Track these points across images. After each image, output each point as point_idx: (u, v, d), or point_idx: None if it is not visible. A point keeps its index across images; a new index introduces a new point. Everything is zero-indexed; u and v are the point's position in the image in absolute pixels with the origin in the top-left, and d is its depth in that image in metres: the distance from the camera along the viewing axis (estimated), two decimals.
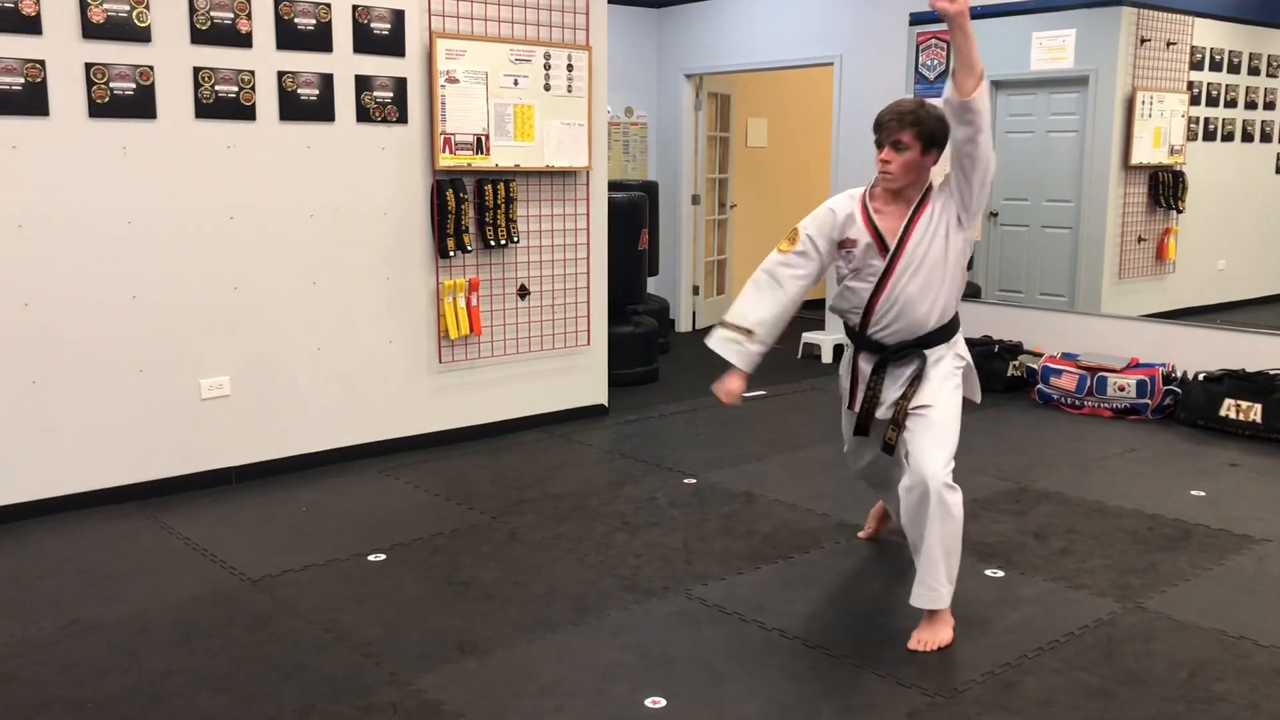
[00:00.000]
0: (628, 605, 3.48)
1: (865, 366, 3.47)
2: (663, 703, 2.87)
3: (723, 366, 3.49)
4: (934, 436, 3.24)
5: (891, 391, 3.39)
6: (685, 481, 4.81)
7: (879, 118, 3.25)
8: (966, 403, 3.47)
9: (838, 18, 7.74)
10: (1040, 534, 4.15)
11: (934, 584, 3.20)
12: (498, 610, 3.46)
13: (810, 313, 9.67)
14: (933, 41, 7.13)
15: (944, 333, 3.41)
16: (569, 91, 5.54)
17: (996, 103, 7.00)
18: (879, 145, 3.25)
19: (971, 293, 7.41)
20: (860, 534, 4.12)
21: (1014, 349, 6.74)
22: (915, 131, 3.18)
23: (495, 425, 5.60)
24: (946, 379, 3.36)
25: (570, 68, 5.53)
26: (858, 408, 3.49)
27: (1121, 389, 6.03)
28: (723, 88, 9.20)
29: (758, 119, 9.82)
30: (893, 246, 3.28)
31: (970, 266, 3.43)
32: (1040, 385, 6.37)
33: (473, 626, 3.34)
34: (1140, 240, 6.80)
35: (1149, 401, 5.97)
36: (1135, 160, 6.63)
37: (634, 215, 6.97)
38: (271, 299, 4.79)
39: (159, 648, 3.20)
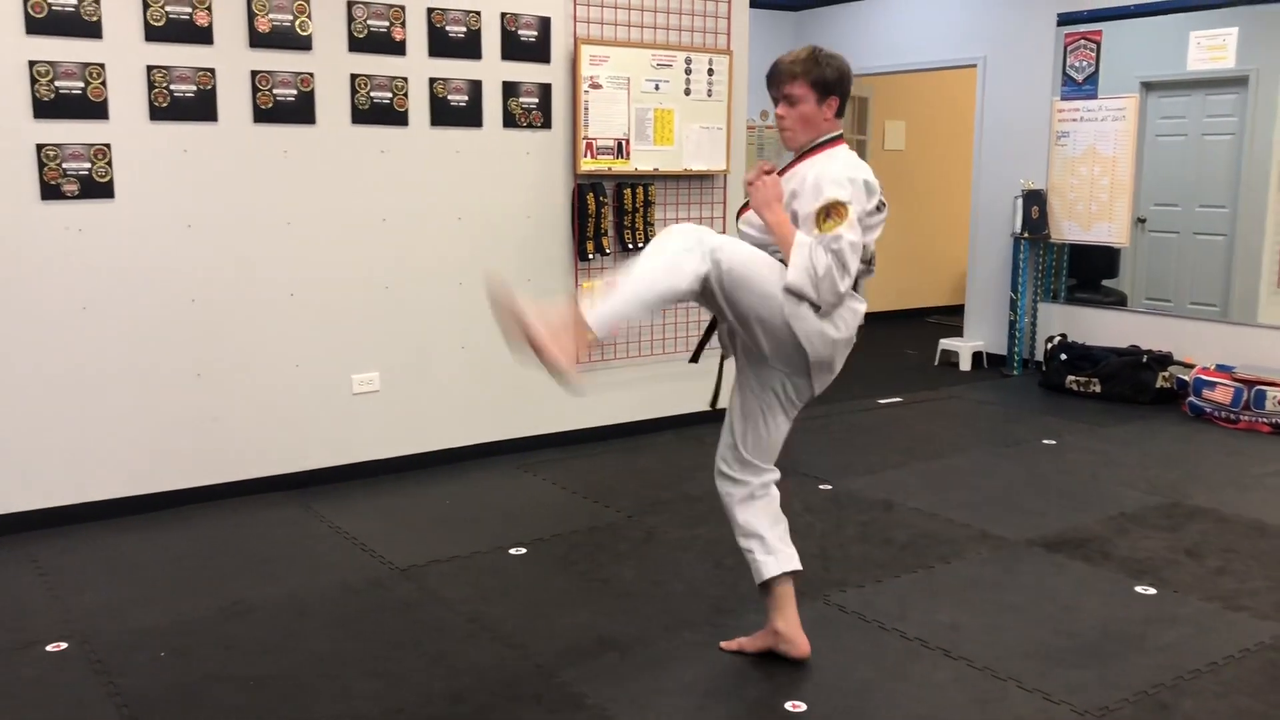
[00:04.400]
0: (761, 608, 3.47)
1: None
2: (803, 707, 2.87)
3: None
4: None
5: None
6: (821, 488, 4.78)
7: (769, 72, 2.98)
8: None
9: (982, 19, 7.58)
10: (1194, 552, 3.99)
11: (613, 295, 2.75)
12: (637, 608, 3.51)
13: (948, 319, 9.52)
14: (1081, 43, 6.93)
15: None
16: (709, 95, 5.57)
17: (1146, 105, 6.77)
18: (774, 101, 2.97)
19: (1117, 300, 7.18)
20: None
21: (1163, 359, 6.50)
22: (808, 79, 2.89)
23: (629, 425, 5.67)
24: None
25: (711, 71, 5.56)
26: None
27: None
28: (860, 90, 9.10)
29: (896, 122, 9.69)
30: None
31: (869, 265, 3.04)
32: (1192, 398, 6.13)
33: (613, 623, 3.39)
34: None
35: None
36: None
37: None
38: (420, 298, 4.94)
39: (315, 631, 3.34)
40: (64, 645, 3.23)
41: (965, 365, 7.64)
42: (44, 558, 3.92)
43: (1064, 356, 6.85)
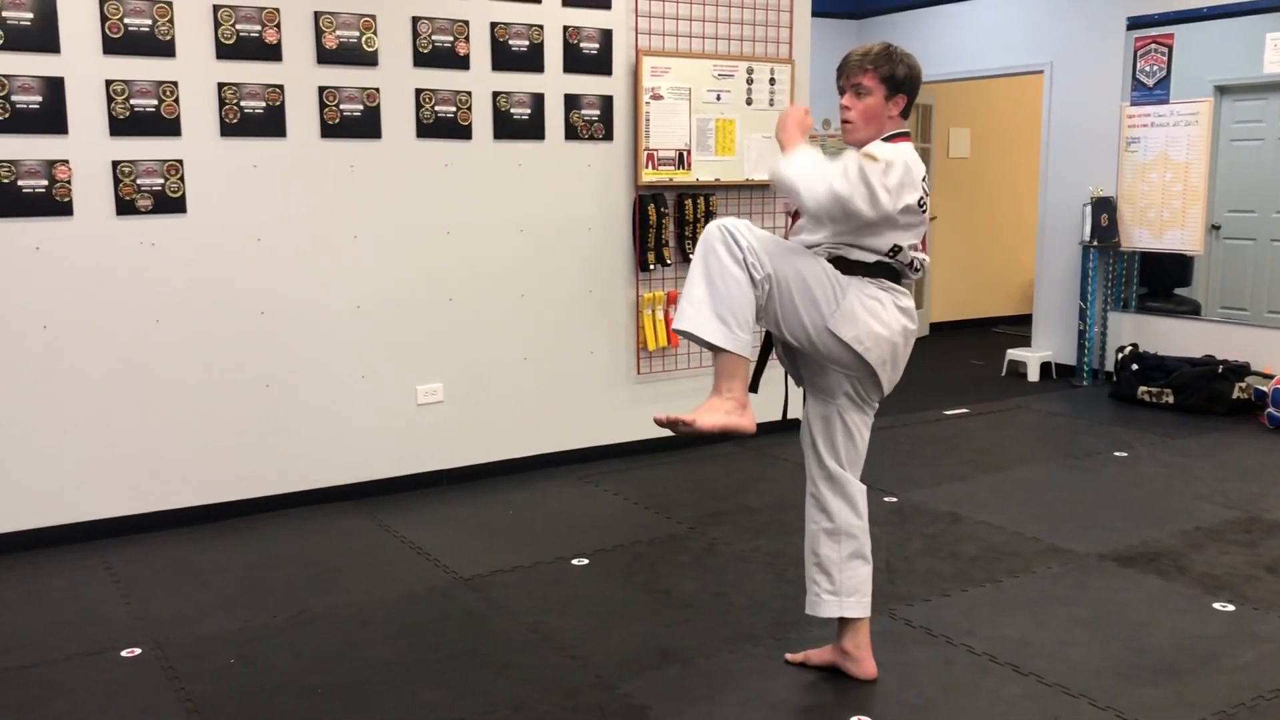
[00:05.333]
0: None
1: None
2: None
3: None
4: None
5: None
6: (886, 500, 4.72)
7: (841, 61, 2.91)
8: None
9: (1048, 24, 7.47)
10: (1275, 567, 3.87)
11: (684, 303, 2.78)
12: (698, 620, 3.49)
13: (1015, 328, 9.37)
14: (1152, 46, 6.79)
15: (842, 268, 2.89)
16: (770, 105, 5.55)
17: (1220, 109, 6.61)
18: (840, 91, 2.90)
19: (1191, 309, 7.01)
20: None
21: (1240, 369, 6.33)
22: (879, 74, 2.83)
23: (691, 438, 5.64)
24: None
25: (773, 81, 5.54)
26: None
27: None
28: (924, 98, 9.01)
29: (960, 129, 9.57)
30: None
31: (916, 271, 2.94)
32: (1271, 409, 5.95)
33: (674, 634, 3.38)
34: None
35: None
36: None
37: None
38: (483, 310, 4.98)
39: (379, 639, 3.37)
40: (137, 651, 3.29)
41: (1033, 376, 7.51)
42: (118, 565, 4.01)
43: (1135, 367, 6.70)
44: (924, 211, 2.85)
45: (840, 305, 2.79)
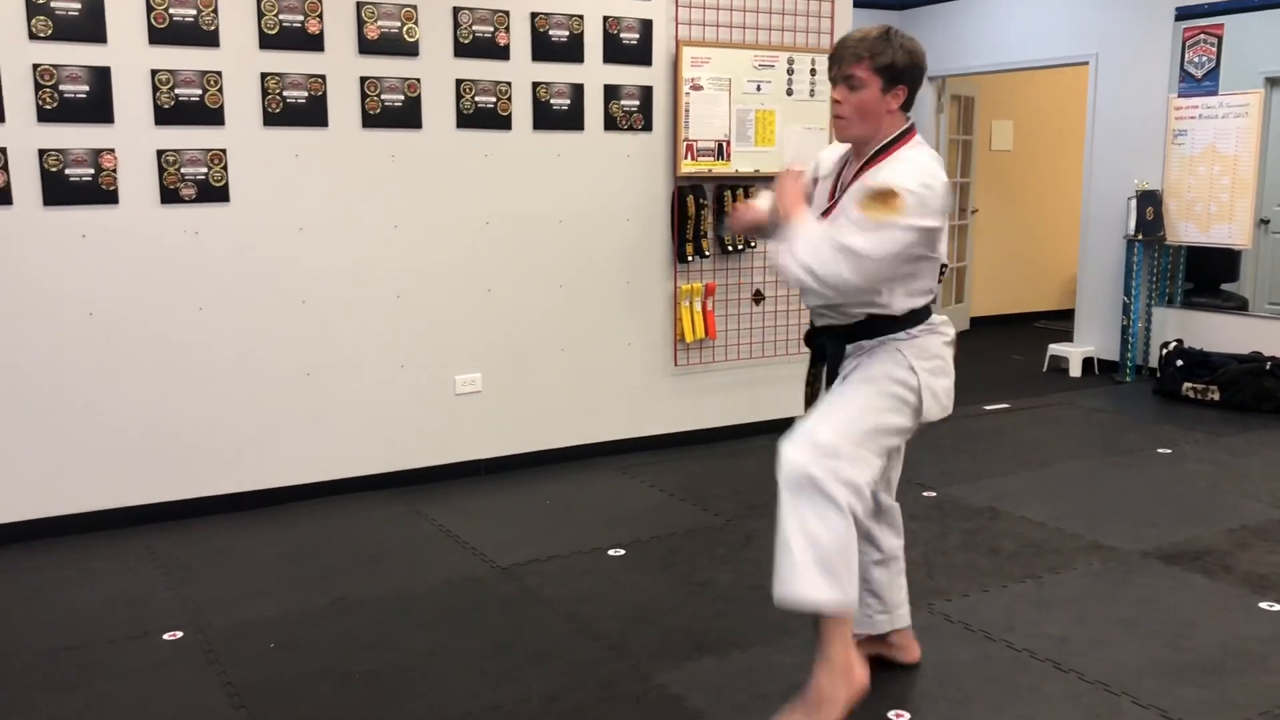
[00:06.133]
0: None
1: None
2: (906, 716, 2.81)
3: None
4: (820, 414, 2.62)
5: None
6: (924, 494, 4.69)
7: (834, 47, 2.66)
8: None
9: (1094, 14, 7.36)
10: None
11: (782, 565, 2.53)
12: (735, 612, 3.48)
13: (1057, 323, 9.27)
14: (1201, 37, 6.68)
15: (876, 327, 2.69)
16: (811, 96, 5.52)
17: (1271, 101, 6.48)
18: (833, 83, 2.65)
19: (1238, 305, 6.89)
20: None
21: None
22: (874, 64, 2.56)
23: (728, 429, 5.63)
24: (865, 381, 2.67)
25: (813, 71, 5.50)
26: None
27: None
28: (966, 89, 8.93)
29: (1003, 121, 9.47)
30: (832, 200, 2.70)
31: (941, 276, 2.76)
32: None
33: (711, 626, 3.37)
34: None
35: None
36: None
37: None
38: (521, 301, 4.99)
39: (418, 627, 3.39)
40: (179, 634, 3.33)
41: (1075, 371, 7.42)
42: (161, 549, 4.06)
43: (1180, 363, 6.60)
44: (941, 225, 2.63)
45: (923, 404, 2.65)
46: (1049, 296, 10.01)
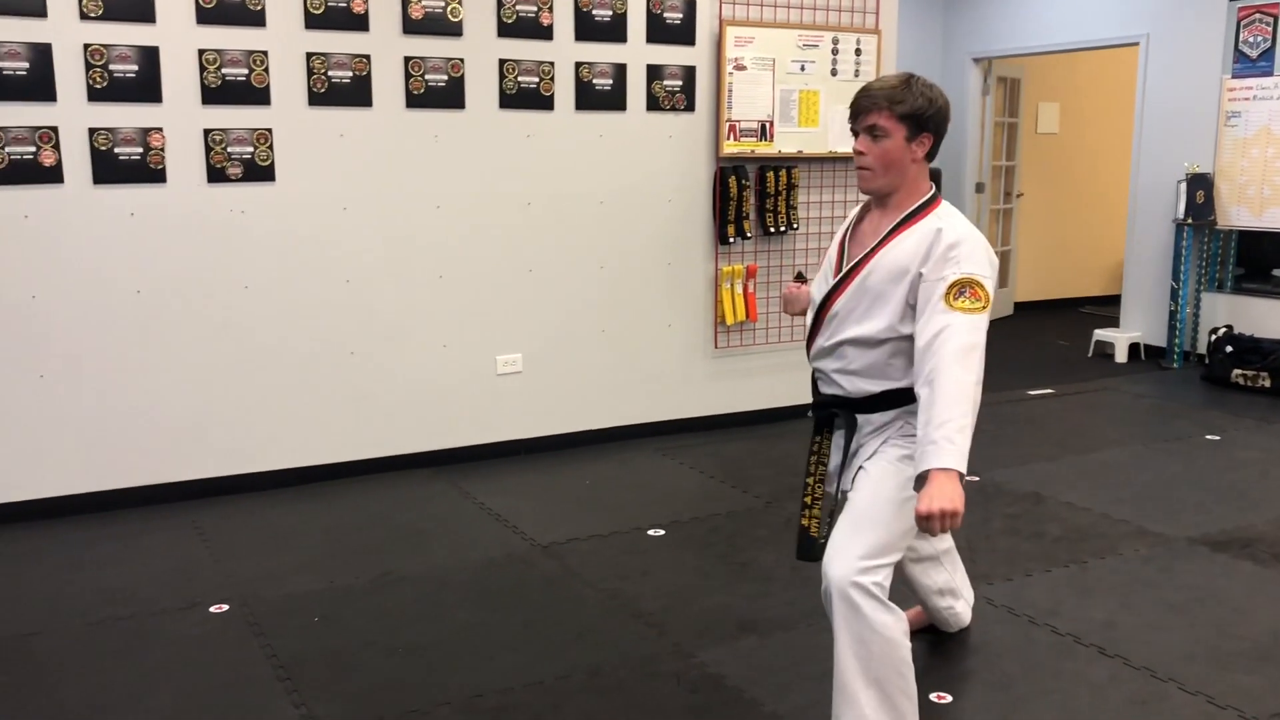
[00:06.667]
0: (908, 598, 3.40)
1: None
2: (948, 699, 2.80)
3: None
4: (848, 524, 2.49)
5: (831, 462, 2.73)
6: (967, 478, 4.63)
7: (854, 99, 2.53)
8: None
9: None
10: None
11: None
12: (777, 592, 3.47)
13: (1103, 309, 9.15)
14: (1257, 16, 6.54)
15: (892, 400, 2.58)
16: (856, 76, 5.46)
17: None
18: (854, 135, 2.52)
19: None
20: None
21: None
22: (896, 112, 2.42)
23: (768, 412, 5.61)
24: (886, 460, 2.58)
25: (859, 52, 5.45)
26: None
27: None
28: (1012, 71, 8.81)
29: (1049, 104, 9.34)
30: (850, 264, 2.57)
31: None
32: None
33: (752, 606, 3.37)
34: None
35: None
36: None
37: None
38: (562, 281, 4.99)
39: (460, 603, 3.42)
40: (225, 607, 3.38)
41: (1121, 357, 7.32)
42: (207, 525, 4.12)
43: (1230, 349, 6.49)
44: None
45: None
46: (1095, 281, 9.87)
